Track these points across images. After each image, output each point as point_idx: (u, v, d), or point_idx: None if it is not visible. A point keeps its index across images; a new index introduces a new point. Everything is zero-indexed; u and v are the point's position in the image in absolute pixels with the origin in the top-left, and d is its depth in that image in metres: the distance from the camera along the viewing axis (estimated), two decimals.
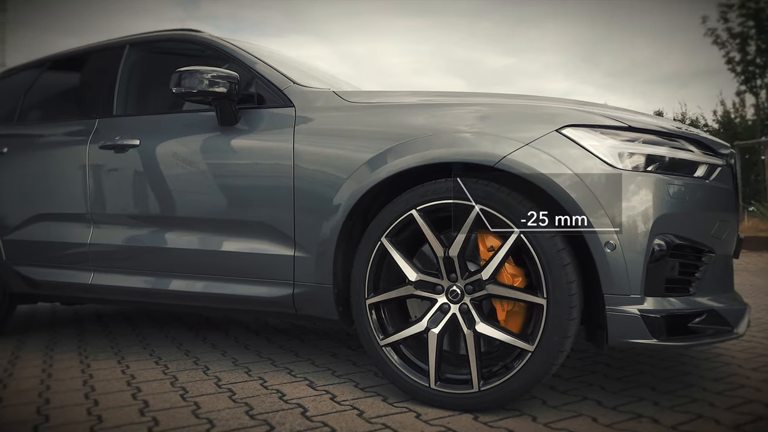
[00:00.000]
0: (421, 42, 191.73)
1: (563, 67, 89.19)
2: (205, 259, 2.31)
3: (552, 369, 1.71)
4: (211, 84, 2.17)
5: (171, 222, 2.40)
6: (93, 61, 3.00)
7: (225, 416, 1.78)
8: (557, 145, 1.76)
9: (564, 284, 1.69)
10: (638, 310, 1.66)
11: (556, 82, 77.93)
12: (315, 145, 2.11)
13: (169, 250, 2.39)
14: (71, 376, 2.27)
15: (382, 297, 1.94)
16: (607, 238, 1.67)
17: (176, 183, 2.39)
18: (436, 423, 1.71)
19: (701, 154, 1.88)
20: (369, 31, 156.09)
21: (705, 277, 1.82)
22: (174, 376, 2.25)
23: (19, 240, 2.80)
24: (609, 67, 72.01)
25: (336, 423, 1.71)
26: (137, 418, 1.77)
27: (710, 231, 1.83)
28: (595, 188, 1.69)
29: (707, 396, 1.94)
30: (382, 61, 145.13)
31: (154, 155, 2.45)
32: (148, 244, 2.44)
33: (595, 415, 1.77)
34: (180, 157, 2.38)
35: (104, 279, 2.57)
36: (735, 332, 1.82)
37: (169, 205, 2.41)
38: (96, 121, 2.71)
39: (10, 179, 2.89)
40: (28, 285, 2.80)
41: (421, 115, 2.00)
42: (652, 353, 2.51)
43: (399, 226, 1.91)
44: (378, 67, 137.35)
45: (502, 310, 1.82)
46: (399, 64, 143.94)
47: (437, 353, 1.84)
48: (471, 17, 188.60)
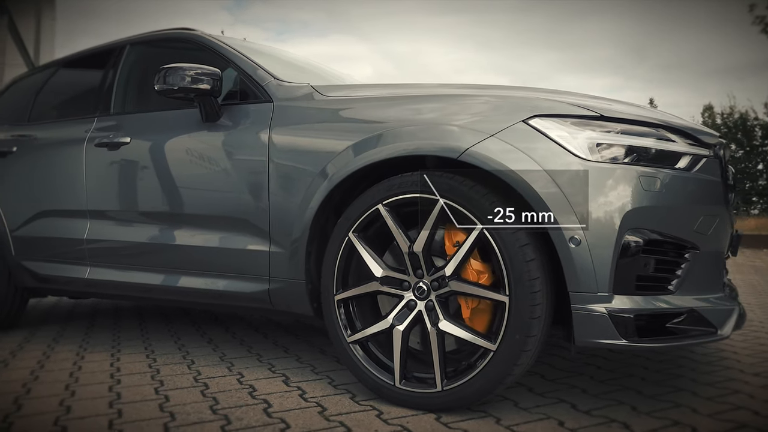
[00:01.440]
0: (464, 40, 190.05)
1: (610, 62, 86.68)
2: (188, 255, 2.33)
3: (515, 369, 1.65)
4: (193, 81, 2.19)
5: (155, 218, 2.44)
6: (98, 62, 3.07)
7: (188, 410, 1.78)
8: (523, 136, 1.69)
9: (526, 281, 1.61)
10: (605, 309, 1.58)
11: (603, 77, 75.82)
12: (288, 140, 2.10)
13: (153, 245, 2.43)
14: (61, 368, 2.33)
15: (349, 293, 1.91)
16: (571, 233, 1.59)
17: (161, 179, 2.43)
18: (395, 422, 1.67)
19: (685, 144, 1.77)
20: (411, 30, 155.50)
21: (688, 275, 1.71)
22: (157, 369, 2.28)
23: (26, 236, 2.90)
24: (657, 61, 69.57)
25: (294, 420, 1.69)
26: (104, 410, 1.80)
27: (693, 226, 1.72)
28: (560, 181, 1.61)
29: (694, 401, 1.83)
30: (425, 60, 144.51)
31: (142, 152, 2.49)
32: (134, 239, 2.49)
33: (564, 418, 1.69)
34: (165, 154, 2.42)
35: (99, 273, 2.63)
36: (719, 334, 1.71)
37: (154, 201, 2.44)
38: (95, 119, 2.78)
39: (19, 177, 2.99)
40: (35, 279, 2.89)
41: (391, 108, 1.96)
42: (648, 355, 2.39)
43: (367, 221, 1.88)
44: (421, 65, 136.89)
45: (466, 308, 1.76)
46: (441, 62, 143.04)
47: (402, 351, 1.79)
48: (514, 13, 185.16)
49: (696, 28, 64.60)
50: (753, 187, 22.95)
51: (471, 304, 1.75)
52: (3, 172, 3.05)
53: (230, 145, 2.24)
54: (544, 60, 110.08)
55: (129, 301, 3.74)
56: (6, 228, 2.97)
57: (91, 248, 2.65)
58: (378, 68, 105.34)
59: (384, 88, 2.16)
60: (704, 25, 62.73)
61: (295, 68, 2.87)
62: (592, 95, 1.95)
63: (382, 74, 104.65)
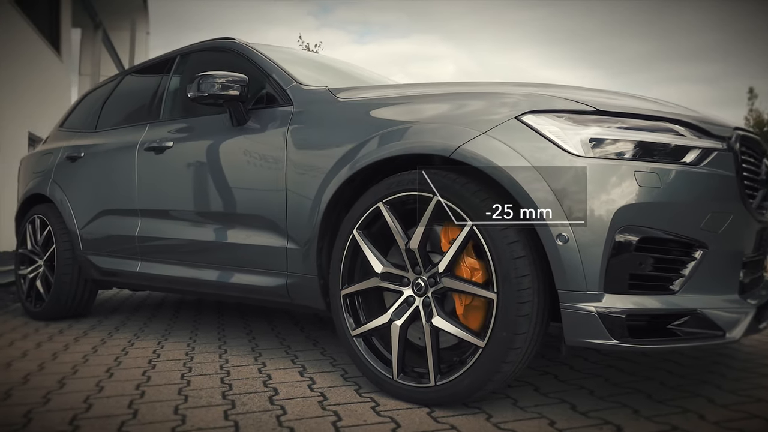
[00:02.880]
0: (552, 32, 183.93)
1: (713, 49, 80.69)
2: (218, 251, 2.49)
3: (504, 367, 1.64)
4: (222, 88, 2.33)
5: (190, 216, 2.62)
6: (154, 72, 3.32)
7: (202, 395, 1.92)
8: (514, 132, 1.68)
9: (513, 278, 1.61)
10: (595, 308, 1.54)
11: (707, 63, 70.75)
12: (302, 141, 2.20)
13: (188, 241, 2.61)
14: (110, 353, 2.56)
15: (353, 288, 1.97)
16: (559, 230, 1.57)
17: (195, 180, 2.61)
18: (386, 414, 1.72)
19: (694, 137, 1.69)
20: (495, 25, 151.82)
21: (695, 275, 1.63)
22: (192, 357, 2.46)
23: (91, 233, 3.20)
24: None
25: (293, 407, 1.78)
26: (130, 390, 1.97)
27: (699, 223, 1.63)
28: (549, 177, 1.60)
29: (705, 408, 1.74)
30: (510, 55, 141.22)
31: (181, 155, 2.68)
32: (172, 236, 2.69)
33: (558, 418, 1.67)
34: (199, 157, 2.59)
35: (147, 268, 2.86)
36: (727, 337, 1.62)
37: (192, 200, 2.62)
38: (147, 126, 3.02)
39: (85, 180, 3.30)
40: (98, 272, 3.18)
41: (393, 109, 2.00)
42: (679, 359, 2.28)
43: (370, 219, 1.94)
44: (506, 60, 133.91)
45: (460, 304, 1.77)
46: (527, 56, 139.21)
47: (400, 345, 1.83)
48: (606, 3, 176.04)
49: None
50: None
51: (464, 301, 1.77)
52: (73, 176, 3.37)
53: (254, 148, 2.37)
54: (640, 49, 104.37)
55: (174, 293, 4.00)
56: (76, 226, 3.28)
57: (141, 245, 2.88)
58: (461, 66, 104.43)
59: (394, 89, 2.20)
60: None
61: (327, 71, 2.97)
62: (601, 90, 1.90)
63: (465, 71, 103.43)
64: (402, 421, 1.66)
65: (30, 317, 3.50)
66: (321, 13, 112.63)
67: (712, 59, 70.72)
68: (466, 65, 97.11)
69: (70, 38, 11.83)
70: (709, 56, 73.93)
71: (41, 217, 3.52)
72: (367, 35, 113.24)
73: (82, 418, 1.71)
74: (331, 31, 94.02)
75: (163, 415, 1.72)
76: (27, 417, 1.72)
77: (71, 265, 3.32)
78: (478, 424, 1.63)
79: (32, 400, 1.87)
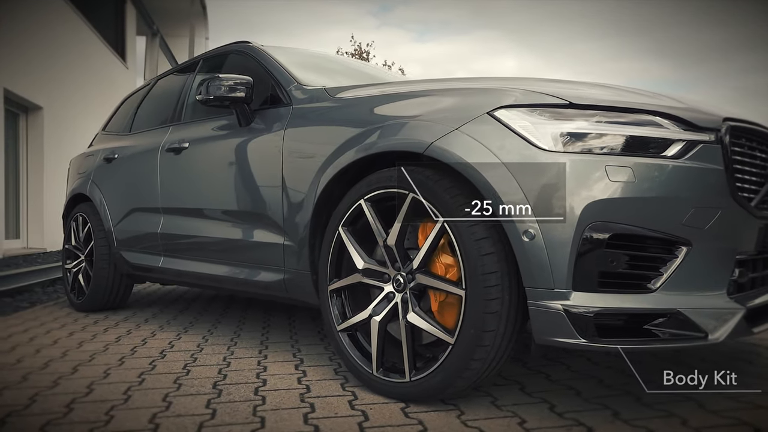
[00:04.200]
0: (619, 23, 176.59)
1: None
2: (225, 247, 2.59)
3: (473, 364, 1.63)
4: (227, 90, 2.42)
5: (204, 213, 2.73)
6: (181, 76, 3.48)
7: (194, 383, 2.01)
8: (486, 128, 1.66)
9: (480, 275, 1.60)
10: (562, 306, 1.51)
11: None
12: (296, 140, 2.25)
13: (202, 238, 2.72)
14: (131, 341, 2.71)
15: (339, 284, 2.01)
16: (525, 226, 1.54)
17: (208, 179, 2.72)
18: (360, 407, 1.74)
19: (677, 129, 1.62)
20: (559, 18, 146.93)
21: (676, 273, 1.57)
22: (202, 348, 2.56)
23: (123, 229, 3.38)
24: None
25: (272, 398, 1.84)
26: (132, 378, 2.08)
27: (681, 219, 1.56)
28: (517, 173, 1.57)
29: (693, 412, 1.66)
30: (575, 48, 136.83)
31: (195, 156, 2.80)
32: (189, 233, 2.81)
33: (530, 418, 1.64)
34: (210, 157, 2.70)
35: (168, 263, 3.00)
36: (709, 339, 1.55)
37: (203, 198, 2.74)
38: (170, 128, 3.17)
39: (118, 180, 3.50)
40: (129, 267, 3.36)
41: (379, 107, 2.02)
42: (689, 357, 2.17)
43: (354, 215, 1.96)
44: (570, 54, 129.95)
45: (435, 301, 1.77)
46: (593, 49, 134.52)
47: (379, 340, 1.85)
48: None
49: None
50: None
51: (439, 298, 1.76)
52: (109, 176, 3.58)
53: (256, 147, 2.44)
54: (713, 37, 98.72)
55: (194, 287, 4.14)
56: (110, 223, 3.48)
57: (163, 241, 3.02)
58: (523, 61, 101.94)
59: (376, 88, 2.22)
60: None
61: (339, 72, 3.01)
62: (582, 82, 1.85)
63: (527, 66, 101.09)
64: (373, 415, 1.68)
65: (73, 309, 3.74)
66: (381, 12, 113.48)
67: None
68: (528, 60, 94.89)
69: (135, 46, 12.50)
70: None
71: (83, 215, 3.75)
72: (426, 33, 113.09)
73: (80, 401, 1.83)
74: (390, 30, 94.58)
75: (151, 402, 1.82)
76: (32, 399, 1.86)
77: (107, 260, 3.53)
78: (446, 421, 1.63)
79: (42, 385, 2.02)
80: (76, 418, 1.69)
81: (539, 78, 1.92)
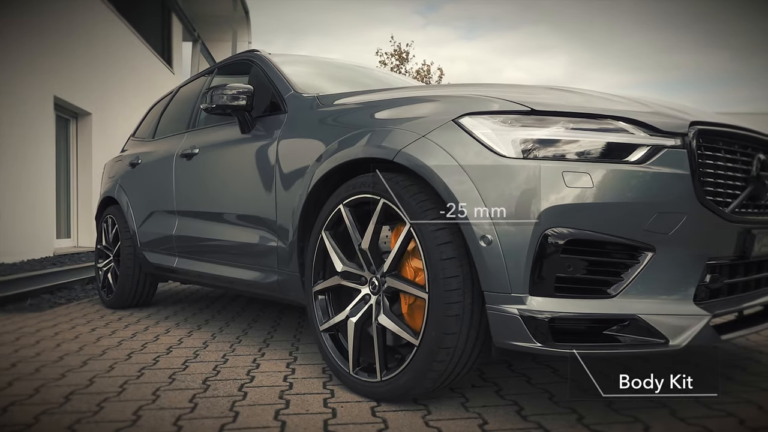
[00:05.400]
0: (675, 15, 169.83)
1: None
2: (227, 249, 2.70)
3: (436, 366, 1.67)
4: (230, 99, 2.53)
5: (210, 217, 2.86)
6: (198, 84, 3.63)
7: (187, 379, 2.12)
8: (451, 135, 1.70)
9: (441, 279, 1.63)
10: (518, 310, 1.54)
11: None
12: (288, 146, 2.33)
13: (208, 240, 2.85)
14: (150, 337, 2.86)
15: (321, 286, 2.08)
16: (483, 232, 1.57)
17: (213, 184, 2.84)
18: (332, 405, 1.81)
19: (642, 134, 1.62)
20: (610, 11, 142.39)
21: (638, 278, 1.57)
22: (207, 344, 2.69)
23: (144, 231, 3.56)
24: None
25: (253, 395, 1.92)
26: (133, 372, 2.22)
27: (642, 224, 1.56)
28: (477, 179, 1.60)
29: (660, 419, 1.65)
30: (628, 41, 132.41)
31: (203, 161, 2.93)
32: (198, 234, 2.95)
33: (493, 420, 1.67)
34: (216, 163, 2.83)
35: (182, 263, 3.15)
36: (670, 345, 1.54)
37: (209, 202, 2.87)
38: (185, 134, 3.32)
39: (141, 183, 3.68)
40: (150, 267, 3.54)
41: (362, 114, 2.07)
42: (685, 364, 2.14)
43: (335, 219, 2.03)
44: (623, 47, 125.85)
45: (405, 303, 1.82)
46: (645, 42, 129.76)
47: (355, 340, 1.91)
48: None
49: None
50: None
51: (408, 300, 1.81)
52: (133, 180, 3.78)
53: (253, 153, 2.54)
54: None
55: (205, 287, 4.29)
56: (135, 225, 3.67)
57: (177, 243, 3.17)
58: (574, 56, 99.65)
59: (360, 95, 2.27)
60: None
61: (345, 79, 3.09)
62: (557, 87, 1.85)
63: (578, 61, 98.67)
64: (341, 412, 1.75)
65: (104, 305, 3.96)
66: (427, 12, 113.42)
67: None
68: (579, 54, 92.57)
69: (181, 52, 12.96)
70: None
71: (111, 217, 3.97)
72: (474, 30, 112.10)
73: (78, 393, 1.97)
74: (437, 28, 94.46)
75: (141, 395, 1.93)
76: (36, 390, 2.01)
77: (132, 260, 3.72)
78: (409, 420, 1.67)
79: (50, 377, 2.17)
80: (69, 408, 1.82)
81: (515, 84, 1.94)
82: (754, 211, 1.82)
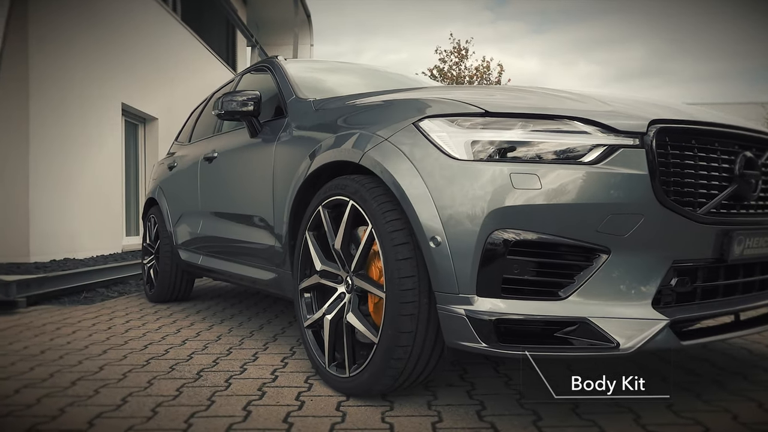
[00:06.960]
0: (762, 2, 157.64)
1: None
2: (237, 247, 2.85)
3: (393, 363, 1.71)
4: (238, 105, 2.67)
5: (221, 216, 3.02)
6: (227, 88, 3.81)
7: (185, 369, 2.26)
8: (410, 137, 1.74)
9: (396, 279, 1.67)
10: (464, 311, 1.55)
11: None
12: (283, 150, 2.43)
13: (223, 239, 3.02)
14: (168, 333, 3.06)
15: (305, 284, 2.16)
16: (432, 233, 1.60)
17: (228, 185, 3.00)
18: (303, 398, 1.89)
19: (600, 134, 1.59)
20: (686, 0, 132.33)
21: (591, 281, 1.54)
22: (219, 338, 2.84)
23: (178, 230, 3.79)
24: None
25: (237, 386, 2.03)
26: (141, 361, 2.39)
27: (595, 226, 1.54)
28: (428, 181, 1.63)
29: (617, 424, 1.62)
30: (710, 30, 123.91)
31: (221, 164, 3.09)
32: (216, 234, 3.12)
33: (449, 418, 1.69)
34: (229, 165, 2.98)
35: (205, 261, 3.33)
36: (621, 349, 1.51)
37: (223, 201, 3.03)
38: (211, 138, 3.50)
39: (175, 185, 3.91)
40: (183, 264, 3.76)
41: (343, 118, 2.14)
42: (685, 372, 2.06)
43: (317, 221, 2.11)
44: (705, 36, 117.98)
45: (371, 302, 1.87)
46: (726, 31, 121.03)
47: (330, 337, 1.98)
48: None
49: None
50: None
51: (374, 299, 1.86)
52: (170, 182, 4.02)
53: (257, 156, 2.67)
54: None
55: (228, 283, 4.45)
56: (171, 224, 3.91)
57: (202, 242, 3.36)
58: (651, 47, 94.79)
59: (349, 99, 2.32)
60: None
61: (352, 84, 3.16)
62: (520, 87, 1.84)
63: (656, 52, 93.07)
64: (309, 405, 1.82)
65: (148, 300, 4.24)
66: (497, 7, 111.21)
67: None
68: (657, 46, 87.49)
69: (246, 57, 13.49)
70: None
71: (153, 217, 4.24)
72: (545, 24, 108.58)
73: (85, 379, 2.15)
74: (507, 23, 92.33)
75: (136, 383, 2.09)
76: (51, 375, 2.21)
77: (170, 257, 3.96)
78: (367, 415, 1.73)
79: (68, 364, 2.38)
80: (71, 392, 1.99)
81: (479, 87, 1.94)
82: (740, 212, 1.74)
